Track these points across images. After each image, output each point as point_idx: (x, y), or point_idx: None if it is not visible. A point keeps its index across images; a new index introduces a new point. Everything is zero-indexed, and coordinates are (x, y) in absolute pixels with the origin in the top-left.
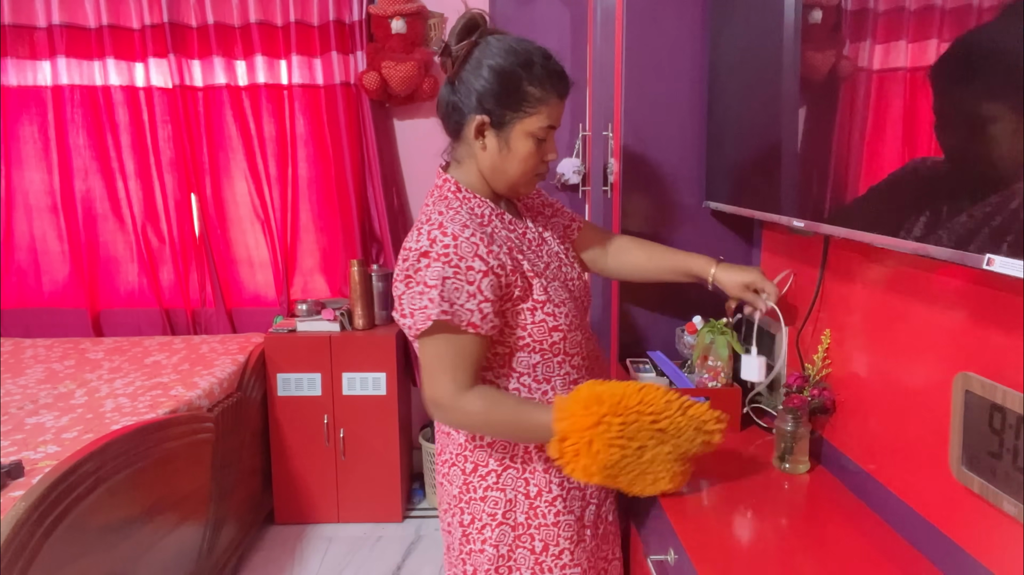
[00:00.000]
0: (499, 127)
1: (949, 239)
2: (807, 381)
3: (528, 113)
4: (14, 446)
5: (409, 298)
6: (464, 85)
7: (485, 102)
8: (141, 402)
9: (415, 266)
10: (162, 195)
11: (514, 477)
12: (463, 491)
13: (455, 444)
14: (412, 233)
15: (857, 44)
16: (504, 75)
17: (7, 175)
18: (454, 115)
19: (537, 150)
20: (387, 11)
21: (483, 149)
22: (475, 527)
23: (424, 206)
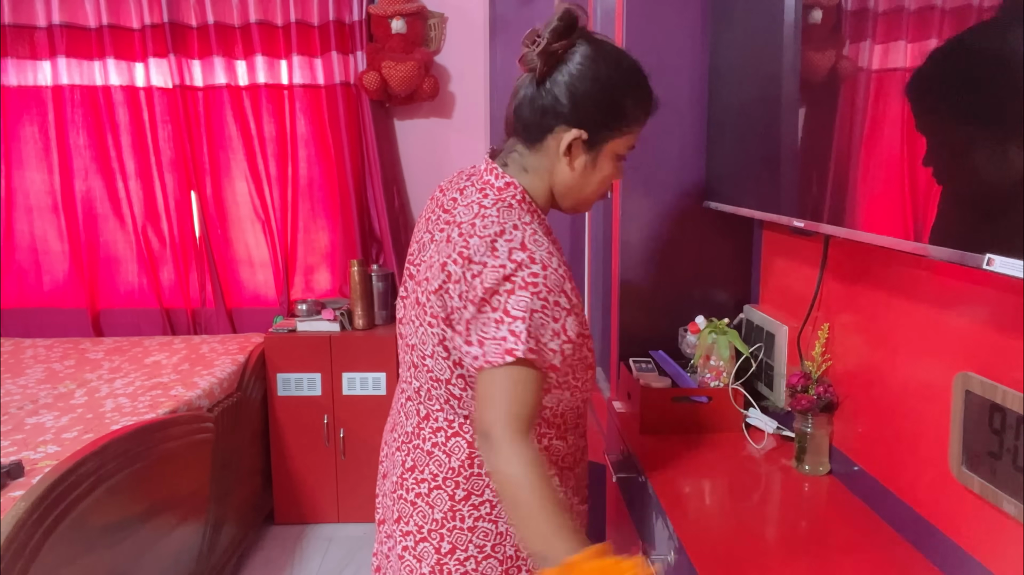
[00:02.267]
0: (592, 144)
1: (949, 239)
2: (809, 379)
3: (623, 133)
4: (14, 446)
5: (482, 325)
6: (559, 89)
7: (586, 115)
8: (141, 402)
9: (494, 288)
10: (162, 195)
11: (494, 566)
12: (447, 518)
13: (444, 467)
14: (474, 241)
15: (857, 44)
16: (613, 89)
17: (7, 175)
18: (543, 120)
19: (614, 172)
20: (387, 11)
21: (570, 167)
22: (455, 558)
23: (475, 204)
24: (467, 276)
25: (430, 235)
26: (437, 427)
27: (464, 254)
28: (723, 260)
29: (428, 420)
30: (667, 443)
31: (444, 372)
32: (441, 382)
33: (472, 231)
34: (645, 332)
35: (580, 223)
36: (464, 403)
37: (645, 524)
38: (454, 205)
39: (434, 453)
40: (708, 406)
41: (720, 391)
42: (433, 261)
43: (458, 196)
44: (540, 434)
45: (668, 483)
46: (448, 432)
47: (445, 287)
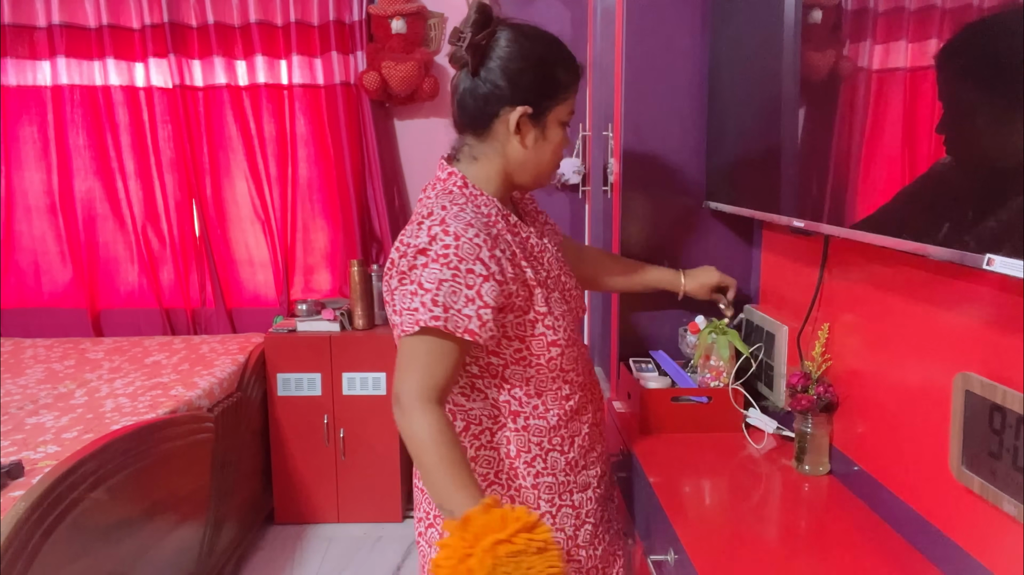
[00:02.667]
0: (537, 117)
1: (949, 239)
2: (809, 379)
3: (561, 99)
4: (14, 446)
5: (400, 296)
6: (495, 75)
7: (525, 92)
8: (141, 402)
9: (411, 263)
10: (162, 195)
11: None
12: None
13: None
14: (411, 227)
15: (857, 44)
16: (543, 62)
17: (7, 175)
18: (487, 107)
19: (563, 140)
20: (387, 11)
21: (522, 144)
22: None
23: (423, 198)
24: (396, 255)
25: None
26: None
27: (402, 239)
28: (723, 260)
29: None
30: (667, 443)
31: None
32: None
33: (412, 220)
34: (645, 332)
35: (580, 223)
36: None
37: (645, 524)
38: (420, 205)
39: (424, 490)
40: (708, 406)
41: (720, 391)
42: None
43: (422, 195)
44: (565, 396)
45: (668, 483)
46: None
47: (390, 272)
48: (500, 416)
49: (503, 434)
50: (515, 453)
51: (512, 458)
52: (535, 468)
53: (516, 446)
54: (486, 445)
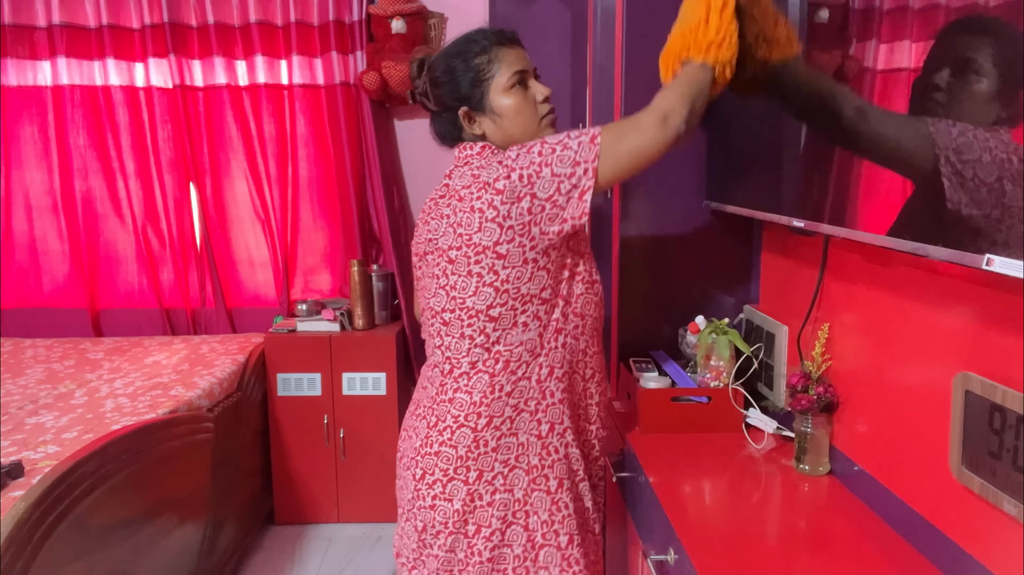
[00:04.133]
0: (480, 107)
1: (949, 239)
2: (810, 379)
3: (488, 77)
4: (14, 446)
5: (559, 158)
6: (441, 103)
7: (457, 98)
8: (141, 402)
9: (540, 150)
10: (162, 195)
11: (520, 477)
12: (472, 449)
13: (467, 405)
14: (485, 172)
15: (862, 44)
16: (451, 69)
17: (7, 175)
18: (451, 130)
19: (524, 98)
20: (387, 11)
21: (481, 133)
22: (483, 481)
23: (466, 174)
24: (498, 187)
25: (436, 217)
26: (460, 373)
27: (479, 185)
28: (723, 260)
29: (451, 374)
30: (667, 443)
31: (487, 299)
32: (481, 312)
33: (476, 178)
34: (645, 332)
35: None
36: (500, 322)
37: (645, 524)
38: (448, 190)
39: (455, 398)
40: (708, 406)
41: (720, 391)
42: (457, 219)
43: (448, 181)
44: (590, 377)
45: (668, 483)
46: (471, 374)
47: (484, 217)
48: None
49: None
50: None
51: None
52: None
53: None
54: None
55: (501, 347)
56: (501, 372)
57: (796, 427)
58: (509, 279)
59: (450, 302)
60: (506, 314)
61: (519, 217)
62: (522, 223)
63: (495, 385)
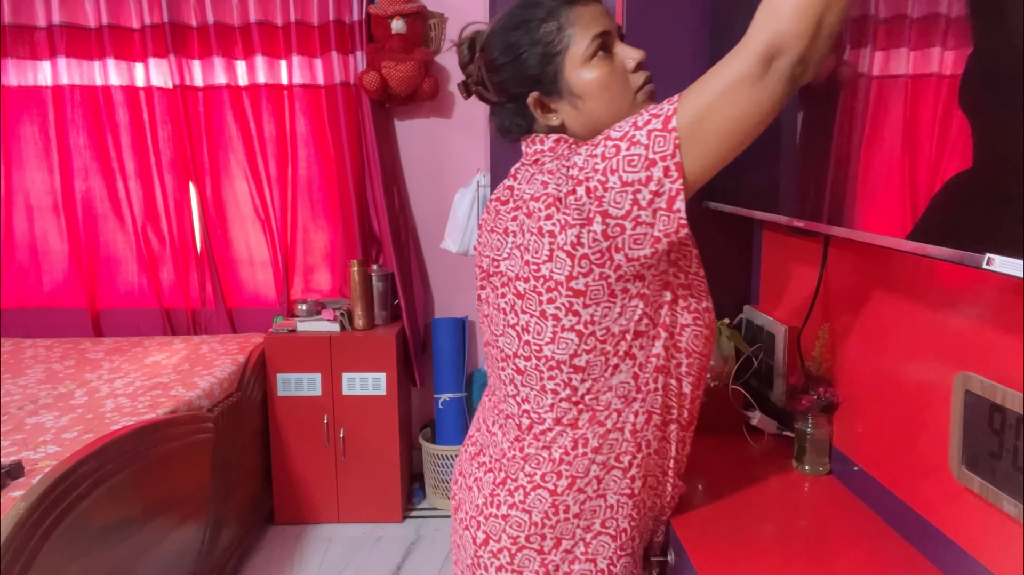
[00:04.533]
0: (554, 89)
1: (949, 239)
2: (810, 379)
3: (562, 51)
4: (14, 446)
5: (629, 142)
6: (503, 92)
7: (523, 82)
8: (141, 402)
9: (585, 159)
10: (162, 195)
11: (607, 543)
12: (549, 515)
13: (545, 462)
14: (552, 180)
15: (858, 49)
16: (512, 46)
17: (7, 175)
18: (522, 122)
19: (611, 67)
20: (387, 11)
21: (560, 122)
22: (561, 550)
23: (535, 177)
24: (567, 203)
25: (500, 232)
26: (542, 431)
27: (549, 203)
28: (723, 260)
29: (531, 430)
30: None
31: (569, 348)
32: (564, 363)
33: (545, 188)
34: None
35: None
36: (588, 372)
37: None
38: (512, 193)
39: (531, 455)
40: (708, 406)
41: (720, 391)
42: (524, 242)
43: (512, 183)
44: (687, 424)
45: None
46: (555, 430)
47: (553, 245)
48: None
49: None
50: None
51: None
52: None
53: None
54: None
55: (589, 397)
56: (587, 425)
57: (796, 427)
58: (594, 319)
59: (523, 347)
60: (595, 360)
61: (593, 244)
62: (599, 251)
63: (578, 439)
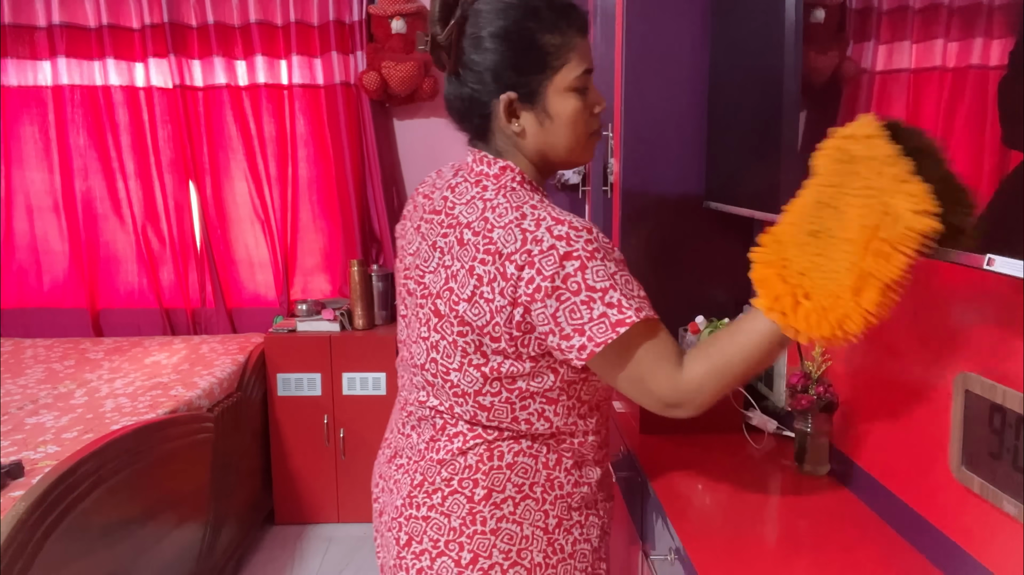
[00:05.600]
0: (530, 99)
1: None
2: (810, 379)
3: (556, 67)
4: (14, 446)
5: (570, 314)
6: (471, 71)
7: (504, 77)
8: (141, 402)
9: (562, 273)
10: (162, 195)
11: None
12: (466, 523)
13: (460, 467)
14: (500, 235)
15: (860, 44)
16: (513, 36)
17: (7, 175)
18: (475, 109)
19: (584, 104)
20: (387, 11)
21: (521, 133)
22: (477, 567)
23: (476, 200)
24: (507, 272)
25: (429, 243)
26: (455, 433)
27: (491, 250)
28: (723, 260)
29: (445, 431)
30: (667, 443)
31: (474, 384)
32: (468, 395)
33: (487, 226)
34: None
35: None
36: (493, 413)
37: (645, 524)
38: (447, 205)
39: (446, 460)
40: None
41: None
42: (452, 270)
43: (449, 195)
44: (589, 430)
45: (668, 483)
46: (467, 435)
47: (478, 291)
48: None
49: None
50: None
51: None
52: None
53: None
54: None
55: (499, 426)
56: (501, 441)
57: (796, 427)
58: (502, 370)
59: (430, 364)
60: (501, 406)
61: (521, 316)
62: (521, 323)
63: (494, 451)
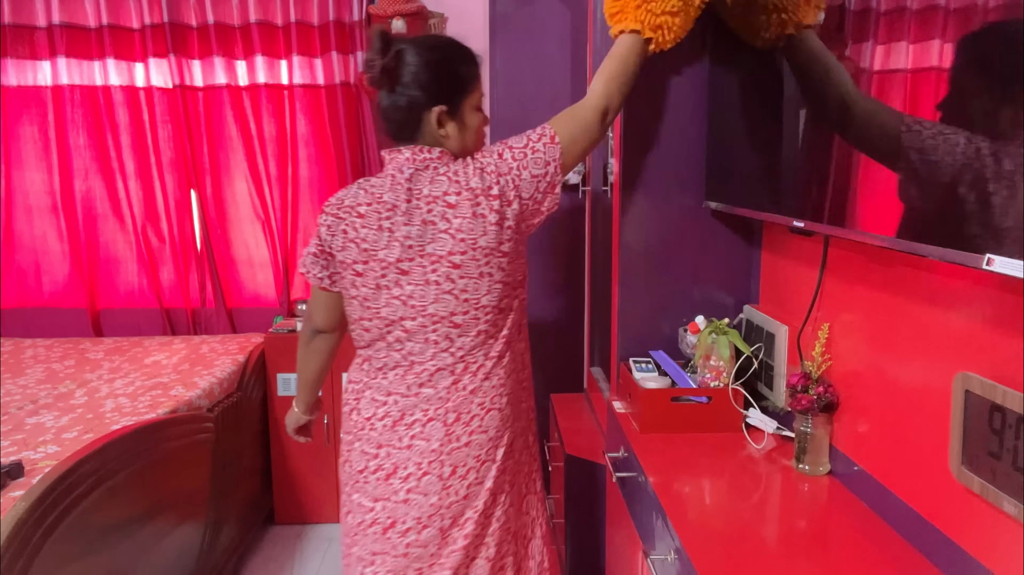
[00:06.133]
0: (453, 113)
1: (949, 239)
2: (809, 379)
3: (469, 91)
4: (14, 446)
5: (531, 160)
6: (409, 88)
7: (436, 94)
8: (141, 402)
9: (509, 157)
10: (162, 195)
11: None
12: (504, 425)
13: (495, 389)
14: (475, 178)
15: (859, 45)
16: (441, 66)
17: (7, 175)
18: (412, 115)
19: (482, 119)
20: (387, 11)
21: (446, 136)
22: (522, 441)
23: (440, 183)
24: (492, 192)
25: (415, 226)
26: (478, 367)
27: (476, 192)
28: (723, 260)
29: (467, 370)
30: (667, 443)
31: (496, 295)
32: (493, 309)
33: (463, 181)
34: (645, 332)
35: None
36: (512, 315)
37: (645, 524)
38: (413, 194)
39: (478, 388)
40: (708, 406)
41: (720, 391)
42: (455, 224)
43: (411, 185)
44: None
45: (668, 483)
46: (486, 364)
47: (486, 222)
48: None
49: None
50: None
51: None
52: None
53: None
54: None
55: (504, 331)
56: (506, 353)
57: (796, 427)
58: (511, 272)
59: (461, 304)
60: (509, 303)
61: (514, 218)
62: (515, 223)
63: (505, 366)
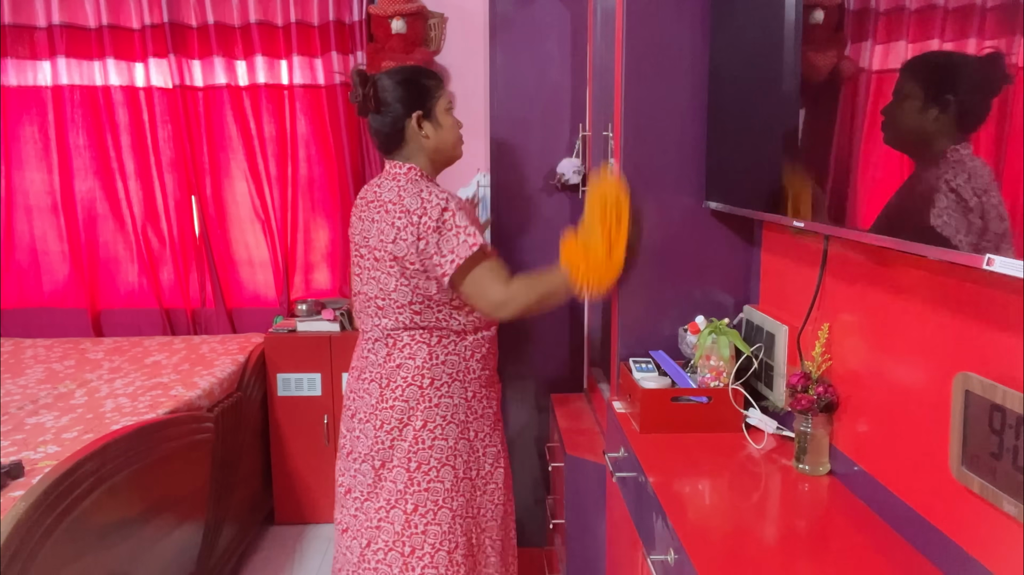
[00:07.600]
0: (428, 115)
1: (949, 239)
2: (809, 379)
3: (437, 96)
4: (14, 446)
5: (446, 241)
6: (389, 106)
7: (411, 104)
8: (141, 402)
9: (442, 218)
10: (162, 195)
11: (452, 430)
12: (419, 402)
13: (412, 368)
14: (409, 201)
15: (858, 44)
16: (409, 82)
17: (7, 175)
18: (394, 127)
19: (455, 121)
20: (387, 11)
21: (426, 137)
22: (426, 429)
23: (393, 188)
24: (413, 220)
25: (367, 221)
26: (403, 345)
27: (403, 210)
28: (723, 260)
29: (396, 345)
30: (667, 443)
31: (406, 297)
32: (405, 306)
33: (400, 199)
34: (645, 332)
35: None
36: (424, 316)
37: (645, 524)
38: (376, 196)
39: (402, 364)
40: (708, 406)
41: (720, 391)
42: (380, 226)
43: (377, 190)
44: (482, 327)
45: (668, 483)
46: (412, 346)
47: (399, 235)
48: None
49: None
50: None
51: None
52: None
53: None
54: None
55: (433, 336)
56: (436, 345)
57: (796, 427)
58: (423, 288)
59: (380, 291)
60: (430, 316)
61: (424, 246)
62: (423, 251)
63: (432, 354)
